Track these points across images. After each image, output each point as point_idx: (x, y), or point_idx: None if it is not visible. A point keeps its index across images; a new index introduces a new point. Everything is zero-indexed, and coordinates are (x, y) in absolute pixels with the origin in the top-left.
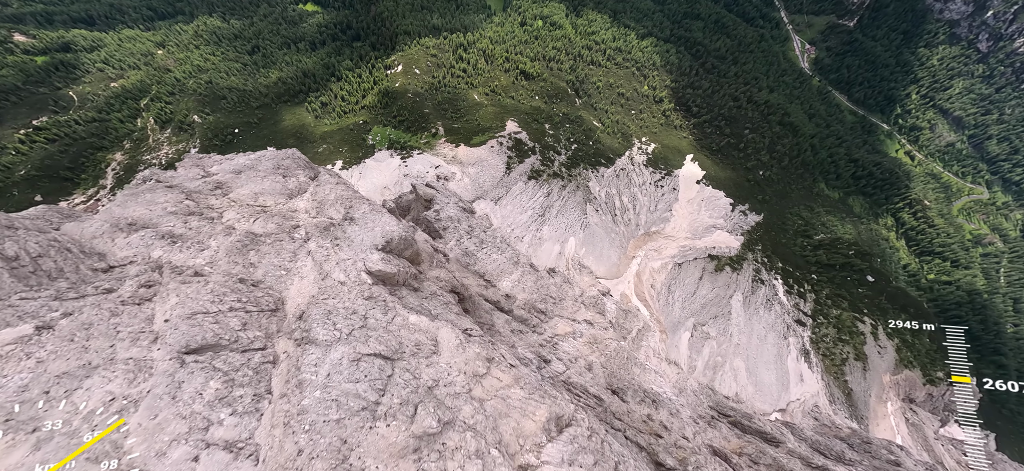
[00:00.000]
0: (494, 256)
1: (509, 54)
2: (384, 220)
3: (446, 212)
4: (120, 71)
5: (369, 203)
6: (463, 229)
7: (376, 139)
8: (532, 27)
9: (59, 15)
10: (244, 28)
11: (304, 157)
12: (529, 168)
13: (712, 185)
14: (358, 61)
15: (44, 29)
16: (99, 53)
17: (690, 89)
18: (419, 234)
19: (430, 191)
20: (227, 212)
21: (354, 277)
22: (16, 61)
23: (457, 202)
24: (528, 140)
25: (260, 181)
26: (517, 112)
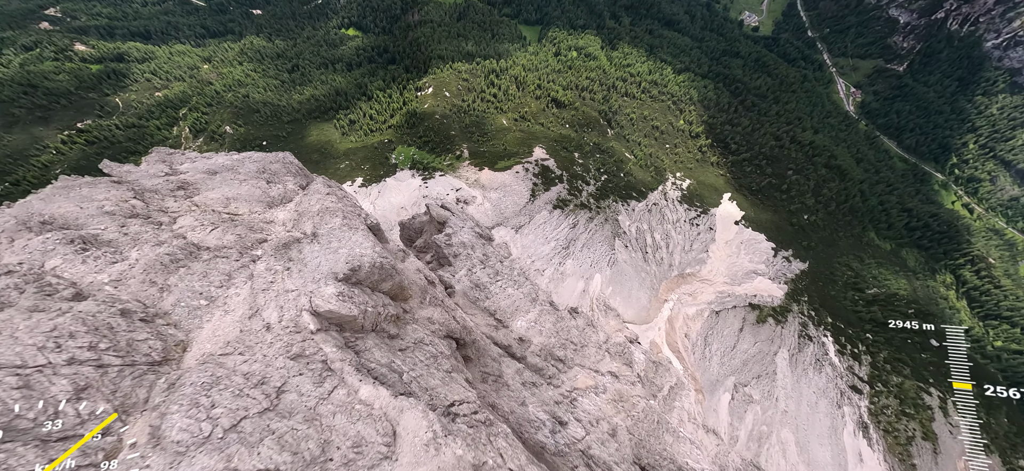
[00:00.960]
0: (509, 290)
1: (541, 82)
2: (354, 239)
3: (459, 237)
4: (165, 82)
5: (345, 215)
6: (477, 257)
7: (399, 158)
8: (566, 57)
9: (120, 28)
10: (287, 48)
11: (297, 163)
12: (555, 197)
13: (752, 227)
14: (389, 82)
15: (104, 40)
16: (149, 64)
17: (729, 125)
18: (410, 262)
19: (444, 213)
20: (183, 218)
21: (289, 319)
22: (72, 68)
23: (473, 227)
24: (556, 168)
25: (237, 185)
26: (546, 139)
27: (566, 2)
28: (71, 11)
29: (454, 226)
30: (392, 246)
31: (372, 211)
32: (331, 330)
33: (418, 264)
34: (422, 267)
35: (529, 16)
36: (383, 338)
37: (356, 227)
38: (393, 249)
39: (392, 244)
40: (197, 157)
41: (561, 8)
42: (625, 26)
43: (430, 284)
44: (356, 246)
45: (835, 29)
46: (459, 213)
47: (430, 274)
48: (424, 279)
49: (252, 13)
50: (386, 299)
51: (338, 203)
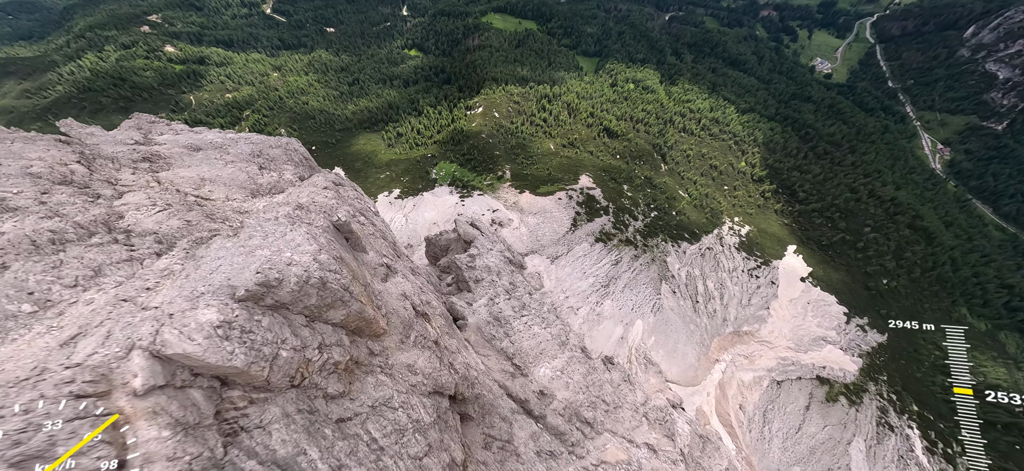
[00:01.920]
0: (536, 329)
1: (594, 110)
2: (289, 239)
3: (484, 260)
4: (237, 85)
5: (293, 210)
6: (502, 285)
7: (440, 174)
8: (623, 88)
9: (208, 36)
10: (351, 63)
11: (303, 152)
12: (598, 229)
13: (821, 286)
14: (441, 99)
15: (191, 45)
16: (225, 68)
17: (797, 172)
18: (395, 283)
19: (472, 231)
20: (133, 194)
21: (103, 362)
22: (159, 66)
23: (503, 251)
24: (602, 198)
25: (220, 166)
26: (593, 167)
27: (627, 36)
28: (170, 18)
29: (481, 247)
30: (371, 259)
31: (404, 224)
32: (193, 387)
33: (406, 288)
34: (411, 292)
35: (588, 48)
36: (313, 400)
37: (301, 222)
38: (372, 263)
39: (372, 257)
40: (182, 130)
41: (621, 42)
42: (687, 63)
43: (420, 316)
44: (286, 248)
45: (921, 81)
46: (489, 234)
47: (422, 302)
48: (410, 309)
49: (326, 30)
50: (337, 335)
51: (334, 200)
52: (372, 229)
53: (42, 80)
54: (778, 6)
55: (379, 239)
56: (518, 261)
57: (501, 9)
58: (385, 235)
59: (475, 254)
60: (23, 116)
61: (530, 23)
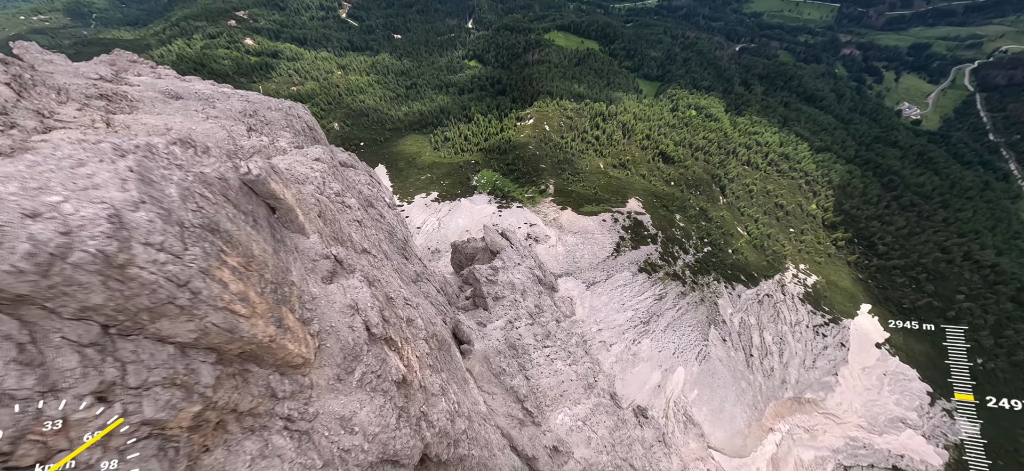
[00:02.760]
0: (558, 365)
1: (651, 132)
2: (81, 173)
3: (509, 275)
4: (302, 80)
5: (137, 141)
6: (525, 307)
7: (481, 181)
8: (684, 114)
9: (285, 33)
10: (411, 68)
11: (310, 121)
12: (643, 258)
13: (900, 356)
14: (493, 108)
15: (268, 40)
16: (295, 63)
17: (877, 221)
18: (340, 285)
19: (500, 242)
20: (61, 132)
21: None
22: (236, 56)
23: (532, 268)
24: (650, 225)
25: (199, 120)
26: (644, 192)
27: (693, 63)
28: (255, 15)
29: (507, 259)
30: (310, 246)
31: (436, 227)
32: None
33: (360, 296)
34: (368, 304)
35: (650, 71)
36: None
37: (127, 154)
38: (311, 252)
39: (313, 244)
40: (168, 75)
41: (686, 68)
42: (756, 94)
43: (378, 342)
44: (64, 189)
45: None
46: (520, 247)
47: (388, 320)
48: (361, 330)
49: (393, 37)
50: (182, 365)
51: (320, 175)
52: (358, 215)
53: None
54: (862, 45)
55: (367, 229)
56: (549, 281)
57: (564, 27)
58: (394, 233)
59: (499, 267)
60: None
61: (592, 43)
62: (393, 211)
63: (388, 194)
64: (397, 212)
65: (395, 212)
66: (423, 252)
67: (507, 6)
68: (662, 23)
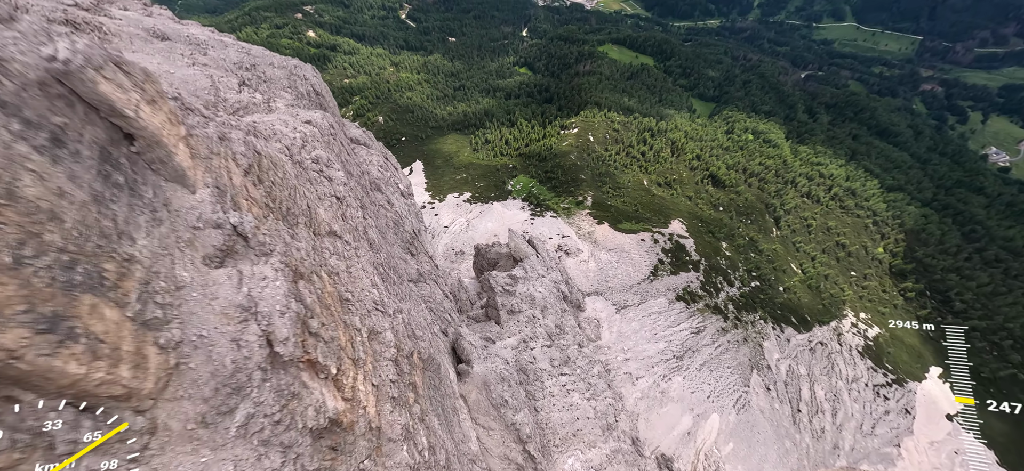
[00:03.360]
0: (575, 398)
1: (702, 153)
2: None
3: (529, 287)
4: (355, 73)
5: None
6: (544, 327)
7: (516, 187)
8: (739, 137)
9: (346, 28)
10: (461, 70)
11: (318, 85)
12: (683, 285)
13: (974, 432)
14: (537, 114)
15: (329, 34)
16: (350, 57)
17: (955, 274)
18: (236, 275)
19: (525, 249)
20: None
21: None
22: (297, 46)
23: (558, 282)
24: (693, 250)
25: (183, 66)
26: (689, 214)
27: (753, 86)
28: (320, 10)
29: (530, 269)
30: (196, 206)
31: (464, 228)
32: None
33: (262, 293)
34: (274, 304)
35: (706, 91)
36: None
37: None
38: (193, 214)
39: (200, 201)
40: (161, 14)
41: (746, 90)
42: (822, 123)
43: (279, 364)
44: None
45: None
46: (546, 257)
47: (299, 335)
48: (255, 346)
49: (448, 39)
50: None
51: (316, 139)
52: (342, 191)
53: None
54: (945, 82)
55: (350, 209)
56: (576, 299)
57: (620, 41)
58: (401, 224)
59: (519, 276)
60: None
61: (647, 59)
62: (408, 201)
63: (404, 182)
64: (412, 203)
65: (410, 202)
66: (447, 252)
67: (563, 17)
68: (723, 44)
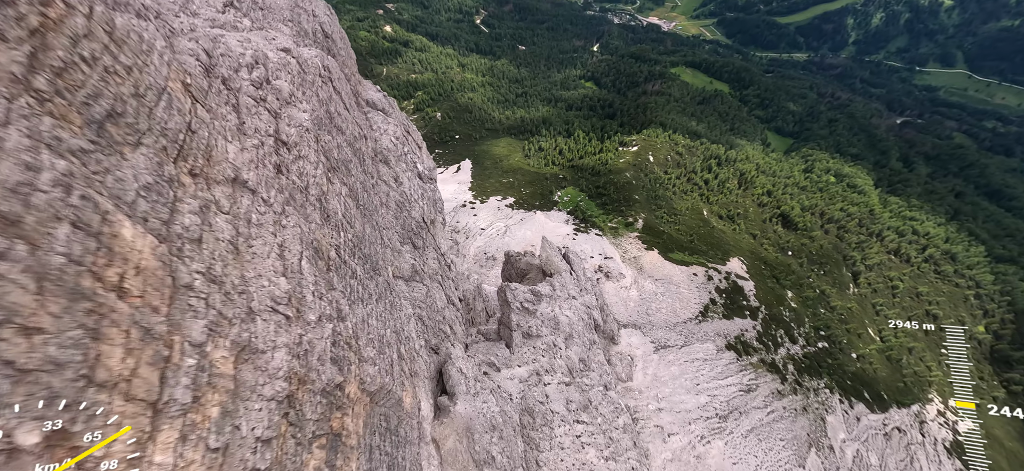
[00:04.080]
0: (589, 455)
1: (773, 189)
2: None
3: (555, 308)
4: (422, 70)
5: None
6: (565, 359)
7: (563, 198)
8: (819, 178)
9: (421, 27)
10: (526, 77)
11: (330, 25)
12: (735, 333)
13: None
14: (597, 128)
15: (404, 31)
16: (421, 54)
17: None
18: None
19: (556, 262)
20: None
21: None
22: (373, 39)
23: (591, 308)
24: (752, 295)
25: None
26: (751, 254)
27: (840, 126)
28: (400, 8)
29: (558, 288)
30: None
31: (502, 232)
32: None
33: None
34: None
35: (784, 125)
36: None
37: None
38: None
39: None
40: None
41: (831, 129)
42: (919, 175)
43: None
44: None
45: None
46: (582, 277)
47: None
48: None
49: (518, 47)
50: None
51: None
52: (296, 138)
53: None
54: None
55: (306, 164)
56: (610, 330)
57: (694, 64)
58: (406, 207)
59: (543, 294)
60: None
61: (722, 85)
62: (425, 185)
63: (426, 164)
64: (431, 189)
65: (428, 188)
66: (478, 255)
67: (638, 37)
68: (809, 79)
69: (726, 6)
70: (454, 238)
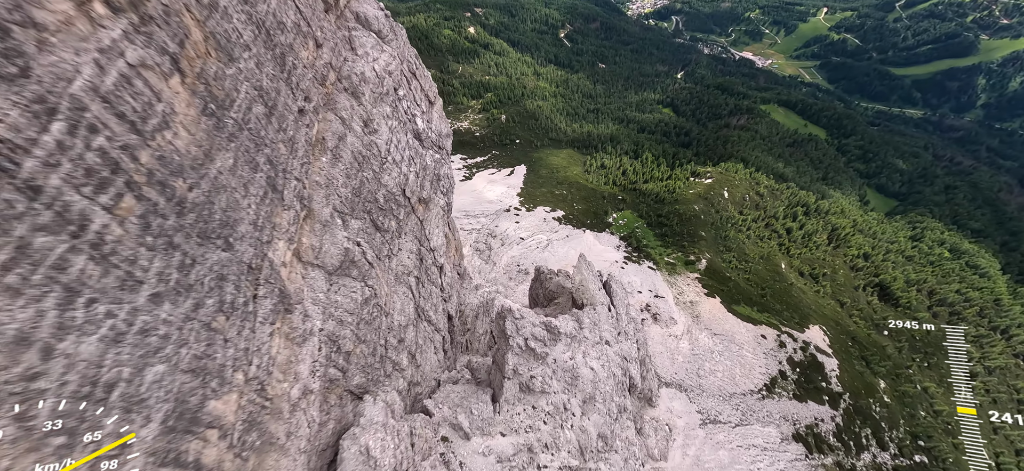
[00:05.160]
0: None
1: (872, 253)
2: None
3: (574, 355)
4: (496, 73)
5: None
6: (577, 433)
7: (618, 222)
8: (929, 251)
9: (504, 33)
10: (600, 94)
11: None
12: (808, 421)
13: None
14: (668, 155)
15: (487, 34)
16: (499, 58)
17: None
18: None
19: (592, 291)
20: None
21: None
22: (454, 38)
23: (628, 359)
24: (834, 376)
25: None
26: (836, 325)
27: (960, 195)
28: (488, 13)
29: (587, 327)
30: None
31: (544, 245)
32: None
33: None
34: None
35: (889, 184)
36: None
37: None
38: None
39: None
40: None
41: (948, 197)
42: None
43: None
44: None
45: None
46: (624, 315)
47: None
48: None
49: (598, 65)
50: None
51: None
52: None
53: None
54: None
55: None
56: (647, 390)
57: (788, 104)
58: (378, 160)
59: (561, 332)
60: None
61: (818, 130)
62: (425, 150)
63: (435, 126)
64: (435, 158)
65: (430, 157)
66: (509, 266)
67: (727, 69)
68: (924, 138)
69: (832, 49)
70: (488, 242)
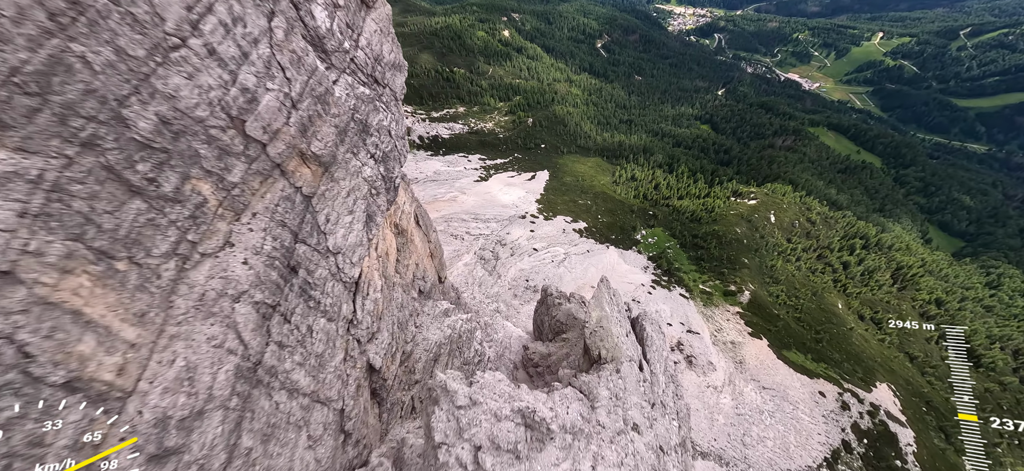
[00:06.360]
0: None
1: (946, 300)
2: None
3: (567, 466)
4: (529, 77)
5: None
6: None
7: (647, 240)
8: (1009, 300)
9: (539, 39)
10: (635, 105)
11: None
12: None
13: None
14: (706, 172)
15: (522, 38)
16: (532, 63)
17: None
18: None
19: (617, 342)
20: None
21: None
22: (488, 40)
23: (668, 446)
24: (908, 450)
25: None
26: (910, 387)
27: None
28: (524, 19)
29: (605, 405)
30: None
31: (560, 261)
32: None
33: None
34: None
35: (954, 222)
36: None
37: None
38: None
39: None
40: None
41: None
42: None
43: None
44: None
45: None
46: (661, 373)
47: None
48: None
49: (634, 77)
50: None
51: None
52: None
53: (407, 19)
54: None
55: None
56: (678, 457)
57: (839, 129)
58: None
59: (552, 431)
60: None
61: (873, 157)
62: (378, 108)
63: (380, 52)
64: (388, 108)
65: (386, 113)
66: (515, 281)
67: (771, 90)
68: (990, 175)
69: (887, 76)
70: (496, 251)
